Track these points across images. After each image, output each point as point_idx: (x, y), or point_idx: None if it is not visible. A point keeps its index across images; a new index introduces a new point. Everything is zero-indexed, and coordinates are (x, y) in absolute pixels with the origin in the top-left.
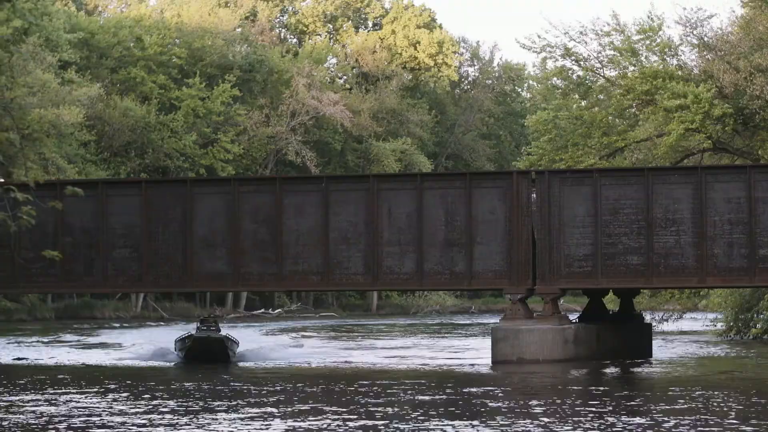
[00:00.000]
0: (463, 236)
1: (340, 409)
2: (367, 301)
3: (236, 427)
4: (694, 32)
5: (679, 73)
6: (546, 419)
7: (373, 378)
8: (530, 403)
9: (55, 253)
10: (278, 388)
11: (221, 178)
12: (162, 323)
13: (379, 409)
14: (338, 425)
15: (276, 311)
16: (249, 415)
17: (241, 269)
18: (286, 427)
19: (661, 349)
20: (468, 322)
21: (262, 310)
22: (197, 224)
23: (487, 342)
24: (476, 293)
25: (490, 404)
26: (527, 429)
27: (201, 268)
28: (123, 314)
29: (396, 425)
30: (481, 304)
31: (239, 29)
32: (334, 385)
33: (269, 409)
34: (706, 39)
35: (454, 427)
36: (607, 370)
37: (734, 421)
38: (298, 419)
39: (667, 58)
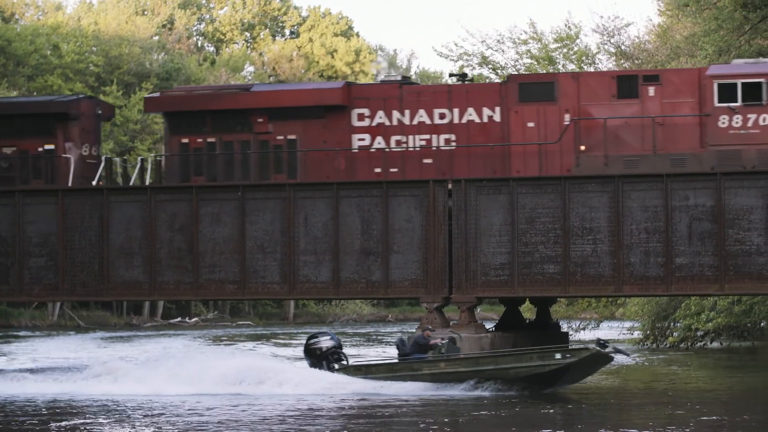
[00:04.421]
0: (379, 245)
1: None
2: (284, 309)
3: None
4: (612, 40)
5: None
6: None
7: None
8: (441, 412)
9: None
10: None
11: (137, 186)
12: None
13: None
14: None
15: (193, 320)
16: None
17: (157, 278)
18: None
19: None
20: (385, 330)
21: (179, 319)
22: (114, 232)
23: None
24: (393, 302)
25: (407, 415)
26: None
27: (117, 277)
28: (39, 323)
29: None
30: (398, 313)
31: (156, 37)
32: None
33: None
34: (623, 47)
35: None
36: None
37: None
38: None
39: (585, 66)
